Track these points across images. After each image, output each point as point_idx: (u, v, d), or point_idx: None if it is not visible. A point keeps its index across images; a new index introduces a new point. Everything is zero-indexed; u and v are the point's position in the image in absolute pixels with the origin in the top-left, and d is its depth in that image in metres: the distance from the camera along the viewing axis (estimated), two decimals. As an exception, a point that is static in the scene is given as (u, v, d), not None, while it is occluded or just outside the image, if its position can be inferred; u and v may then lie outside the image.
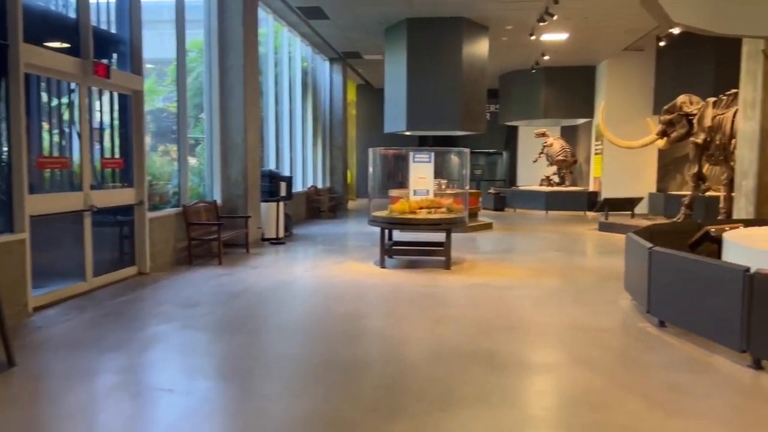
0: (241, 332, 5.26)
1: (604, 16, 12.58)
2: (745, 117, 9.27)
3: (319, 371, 4.26)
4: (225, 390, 3.95)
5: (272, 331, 5.43)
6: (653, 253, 5.36)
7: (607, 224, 13.21)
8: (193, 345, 4.93)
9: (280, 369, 4.30)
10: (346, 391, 3.86)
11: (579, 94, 18.70)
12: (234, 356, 4.64)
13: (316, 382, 4.03)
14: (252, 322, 5.69)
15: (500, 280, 7.52)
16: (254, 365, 4.40)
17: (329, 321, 5.68)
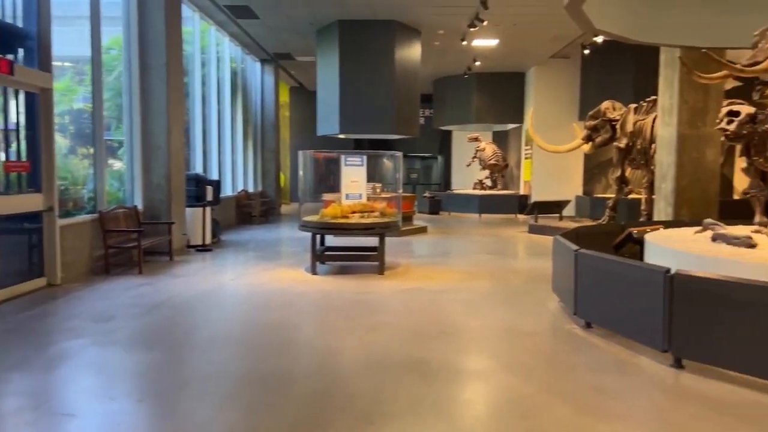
0: (158, 347, 4.91)
1: (532, 23, 12.88)
2: (664, 123, 9.67)
3: (241, 387, 4.00)
4: (134, 412, 3.62)
5: (192, 345, 5.10)
6: (579, 255, 5.42)
7: (536, 227, 13.51)
8: (103, 362, 4.55)
9: (198, 386, 4.01)
10: (268, 407, 3.63)
11: (509, 99, 19.12)
12: (148, 374, 4.30)
13: (236, 398, 3.77)
14: (171, 335, 5.33)
15: (433, 284, 7.46)
16: (170, 383, 4.09)
17: (254, 332, 5.41)
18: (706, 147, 9.22)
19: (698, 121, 9.19)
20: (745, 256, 4.90)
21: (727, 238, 5.60)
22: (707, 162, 9.26)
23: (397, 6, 11.91)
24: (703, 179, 9.28)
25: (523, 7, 11.74)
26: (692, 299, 4.18)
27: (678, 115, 9.24)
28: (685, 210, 9.30)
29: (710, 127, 9.04)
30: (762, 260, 4.71)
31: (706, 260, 5.06)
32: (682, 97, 9.22)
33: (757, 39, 5.02)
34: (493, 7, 11.10)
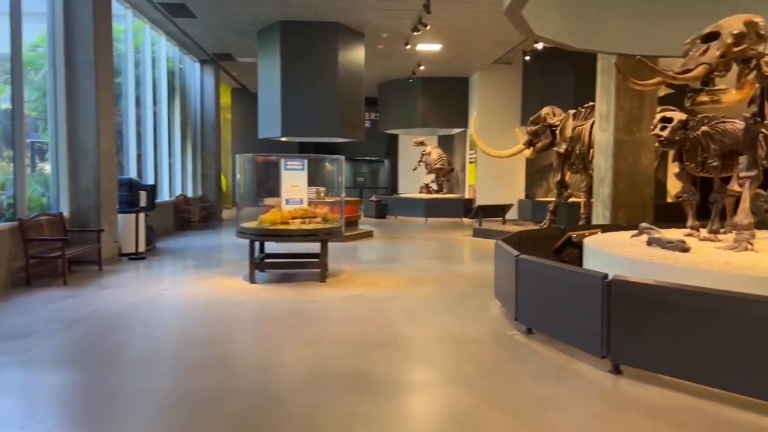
0: (78, 366, 4.55)
1: (475, 28, 12.98)
2: (601, 129, 9.88)
3: (168, 408, 3.72)
4: (43, 443, 3.30)
5: (117, 363, 4.75)
6: (519, 260, 5.39)
7: (480, 230, 13.61)
8: (16, 385, 4.17)
9: (121, 408, 3.71)
10: (197, 429, 3.37)
11: (454, 104, 19.27)
12: (66, 396, 3.96)
13: (163, 420, 3.50)
14: (94, 352, 4.96)
15: (377, 291, 7.31)
16: (89, 406, 3.76)
17: (186, 347, 5.10)
18: (642, 152, 9.48)
19: (634, 127, 9.43)
20: (678, 261, 4.97)
21: (661, 242, 5.70)
22: (642, 167, 9.52)
23: (340, 8, 11.75)
24: (639, 183, 9.53)
25: (466, 13, 11.81)
26: (629, 305, 4.19)
27: (614, 121, 9.46)
28: (622, 213, 9.52)
29: (645, 132, 9.30)
30: (695, 264, 4.79)
31: (642, 264, 5.12)
32: (619, 103, 9.45)
33: (688, 47, 5.13)
34: (436, 11, 11.11)
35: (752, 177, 5.55)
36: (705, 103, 4.97)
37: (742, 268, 4.55)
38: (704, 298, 3.82)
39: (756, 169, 5.57)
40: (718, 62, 4.86)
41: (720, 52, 4.85)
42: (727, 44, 4.84)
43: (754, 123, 5.48)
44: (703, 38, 5.05)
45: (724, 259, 4.94)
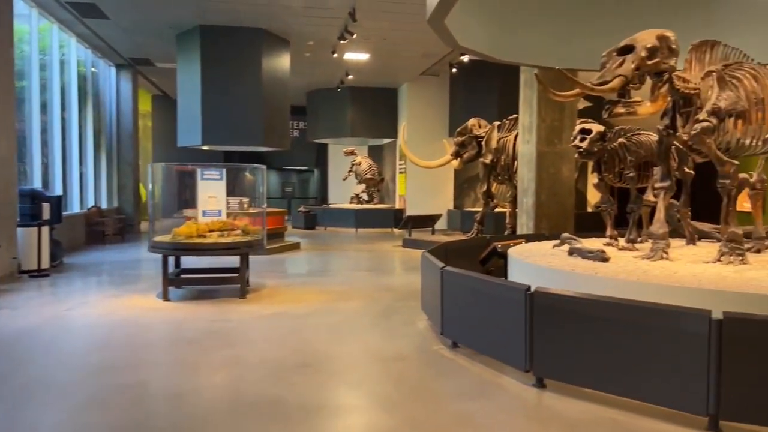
0: (-51, 404, 3.99)
1: (402, 38, 12.96)
2: (524, 140, 10.04)
3: (49, 451, 3.29)
4: None
5: (1, 395, 4.22)
6: (445, 273, 5.26)
7: (410, 241, 13.54)
8: None
9: (-11, 456, 3.24)
10: (78, 477, 2.98)
11: (383, 114, 19.25)
12: (-75, 443, 3.43)
13: (38, 469, 3.07)
14: (-28, 386, 4.39)
15: (300, 307, 7.01)
16: (-49, 454, 3.27)
17: (84, 376, 4.61)
18: (563, 163, 9.69)
19: (555, 139, 9.63)
20: (599, 271, 5.00)
21: (582, 252, 5.74)
22: (563, 177, 9.72)
23: (263, 14, 11.40)
24: (560, 194, 9.73)
25: (392, 23, 11.75)
26: (551, 317, 4.13)
27: (536, 132, 9.63)
28: (545, 223, 9.68)
29: (566, 144, 9.52)
30: (614, 274, 4.82)
31: (564, 275, 5.12)
32: (540, 115, 9.63)
33: (605, 60, 5.21)
34: (363, 20, 10.98)
35: (666, 187, 5.70)
36: (621, 115, 5.04)
37: (659, 278, 4.61)
38: (623, 309, 3.79)
39: (669, 180, 5.72)
40: (633, 75, 4.95)
41: (635, 64, 4.94)
42: (641, 57, 4.94)
43: (667, 135, 5.64)
44: (619, 51, 5.13)
45: (642, 269, 5.00)
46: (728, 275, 4.68)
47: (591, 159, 6.61)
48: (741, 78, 5.36)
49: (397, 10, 10.91)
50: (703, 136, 5.17)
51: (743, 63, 5.59)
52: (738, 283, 4.33)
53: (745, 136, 5.29)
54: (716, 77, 5.30)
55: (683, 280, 4.50)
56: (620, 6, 8.68)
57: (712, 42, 5.60)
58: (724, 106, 5.18)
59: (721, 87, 5.25)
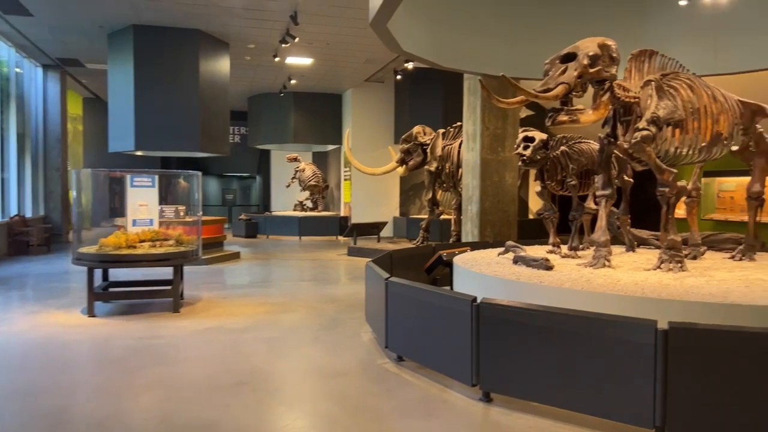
0: None
1: (345, 44, 12.79)
2: (468, 148, 10.03)
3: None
4: None
5: None
6: (389, 284, 5.08)
7: (355, 249, 13.33)
8: None
9: None
10: None
11: (328, 120, 18.99)
12: None
13: None
14: None
15: (237, 320, 6.66)
16: None
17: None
18: (506, 171, 9.72)
19: (498, 147, 9.66)
20: (543, 279, 4.94)
21: (526, 260, 5.69)
22: (507, 185, 9.76)
23: (200, 14, 10.97)
24: (504, 201, 9.76)
25: (334, 27, 11.55)
26: (497, 329, 4.00)
27: (480, 140, 9.63)
28: (489, 231, 9.69)
29: (509, 152, 9.57)
30: (559, 283, 4.76)
31: (509, 284, 5.03)
32: (484, 123, 9.64)
33: (548, 67, 5.18)
34: (305, 24, 10.75)
35: (607, 195, 5.73)
36: (564, 123, 5.01)
37: (603, 286, 4.58)
38: (569, 320, 3.71)
39: (611, 188, 5.75)
40: (575, 82, 4.93)
41: (577, 72, 4.92)
42: (583, 65, 4.93)
43: (608, 143, 5.67)
44: (562, 59, 5.12)
45: (586, 277, 4.98)
46: (669, 283, 4.71)
47: (534, 167, 6.60)
48: (678, 88, 5.46)
49: (340, 15, 10.74)
50: (642, 144, 5.21)
51: (679, 73, 5.71)
52: (679, 291, 4.35)
53: (683, 145, 5.38)
54: (655, 86, 5.37)
55: (627, 288, 4.48)
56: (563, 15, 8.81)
57: (650, 51, 5.69)
58: (662, 115, 5.25)
59: (659, 96, 5.32)
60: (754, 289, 4.43)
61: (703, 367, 3.25)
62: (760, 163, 6.12)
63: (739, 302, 3.99)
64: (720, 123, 5.52)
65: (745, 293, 4.26)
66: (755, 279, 4.90)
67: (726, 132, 5.59)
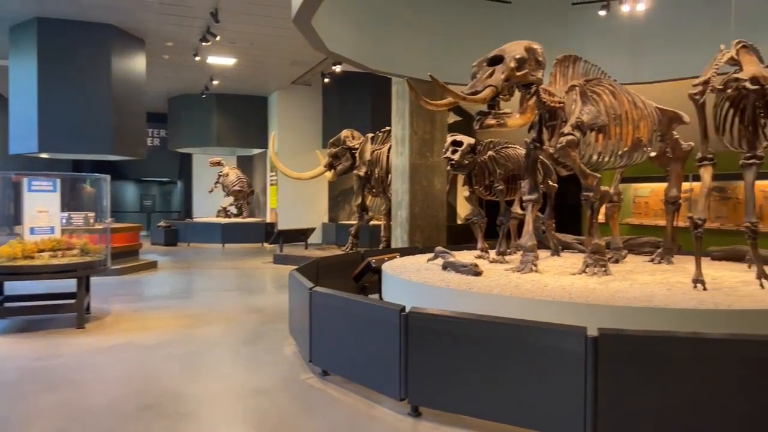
0: None
1: (270, 44, 12.38)
2: (397, 152, 9.92)
3: None
4: None
5: None
6: (314, 294, 4.80)
7: (282, 256, 12.91)
8: None
9: None
10: None
11: (253, 123, 18.44)
12: None
13: None
14: None
15: (149, 336, 6.15)
16: None
17: None
18: (435, 176, 9.67)
19: (427, 152, 9.60)
20: (473, 286, 4.82)
21: (455, 266, 5.57)
22: (436, 190, 9.71)
23: (112, 8, 10.26)
24: (433, 206, 9.70)
25: (257, 26, 11.14)
26: (426, 339, 3.82)
27: (409, 145, 9.54)
28: (419, 236, 9.59)
29: (437, 157, 9.52)
30: (488, 289, 4.65)
31: (438, 291, 4.88)
32: (413, 128, 9.55)
33: (475, 69, 5.10)
34: (227, 22, 10.29)
35: (534, 200, 5.71)
36: (492, 126, 4.93)
37: (532, 291, 4.51)
38: (499, 328, 3.57)
39: (537, 193, 5.74)
40: (503, 85, 4.86)
41: (504, 75, 4.85)
42: (510, 68, 4.87)
43: (534, 148, 5.66)
44: (489, 61, 5.04)
45: (514, 283, 4.90)
46: (595, 287, 4.70)
47: (462, 171, 6.52)
48: (601, 93, 5.52)
49: (264, 14, 10.35)
50: (568, 149, 5.22)
51: (602, 79, 5.79)
52: (605, 295, 4.33)
53: (605, 150, 5.43)
54: (579, 92, 5.41)
55: (554, 293, 4.43)
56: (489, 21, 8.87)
57: (574, 57, 5.73)
58: (586, 120, 5.28)
59: (583, 101, 5.36)
60: (675, 291, 4.49)
61: (634, 373, 3.19)
62: (677, 169, 6.32)
63: (663, 306, 4.01)
64: (640, 129, 5.63)
65: (667, 296, 4.30)
66: (675, 282, 5.00)
67: (646, 138, 5.71)
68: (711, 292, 4.44)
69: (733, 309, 3.92)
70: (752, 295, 4.30)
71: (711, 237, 11.86)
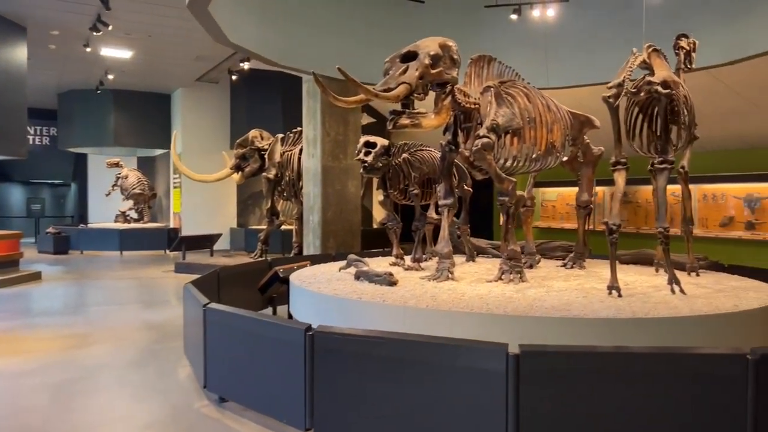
0: None
1: (171, 36, 11.53)
2: (308, 154, 9.47)
3: None
4: None
5: None
6: (208, 311, 4.27)
7: (184, 265, 12.04)
8: None
9: None
10: None
11: (155, 122, 17.28)
12: None
13: None
14: None
15: (19, 361, 5.33)
16: None
17: None
18: (348, 179, 9.32)
19: (340, 153, 9.22)
20: (387, 297, 4.47)
21: (369, 275, 5.22)
22: (349, 194, 9.35)
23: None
24: (347, 211, 9.34)
25: (157, 17, 10.31)
26: (335, 362, 3.42)
27: (321, 146, 9.13)
28: (332, 242, 9.20)
29: (351, 159, 9.17)
30: (403, 301, 4.32)
31: (350, 304, 4.50)
32: (325, 128, 9.15)
33: (388, 65, 4.77)
34: (120, 11, 9.42)
35: (449, 205, 5.48)
36: (406, 127, 4.62)
37: (449, 303, 4.23)
38: (415, 347, 3.24)
39: (452, 197, 5.51)
40: (417, 83, 4.56)
41: (418, 72, 4.56)
42: (425, 65, 4.59)
43: (450, 151, 5.43)
44: (402, 57, 4.73)
45: (431, 293, 4.62)
46: (512, 295, 4.51)
47: (376, 174, 6.18)
48: (515, 95, 5.37)
49: (161, 3, 9.55)
50: (483, 152, 5.02)
51: (516, 81, 5.65)
52: (524, 305, 4.13)
53: (520, 154, 5.28)
54: (494, 93, 5.22)
55: (472, 303, 4.18)
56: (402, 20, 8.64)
57: (488, 57, 5.56)
58: (501, 123, 5.10)
59: (498, 103, 5.18)
60: (591, 299, 4.37)
61: (558, 392, 2.96)
62: (587, 173, 6.32)
63: (581, 315, 3.85)
64: (554, 133, 5.54)
65: (584, 304, 4.17)
66: (590, 288, 4.91)
67: (559, 142, 5.63)
68: (627, 299, 4.36)
69: (650, 317, 3.83)
70: (666, 302, 4.26)
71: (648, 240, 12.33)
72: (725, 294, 4.66)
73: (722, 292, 4.75)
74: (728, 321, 3.99)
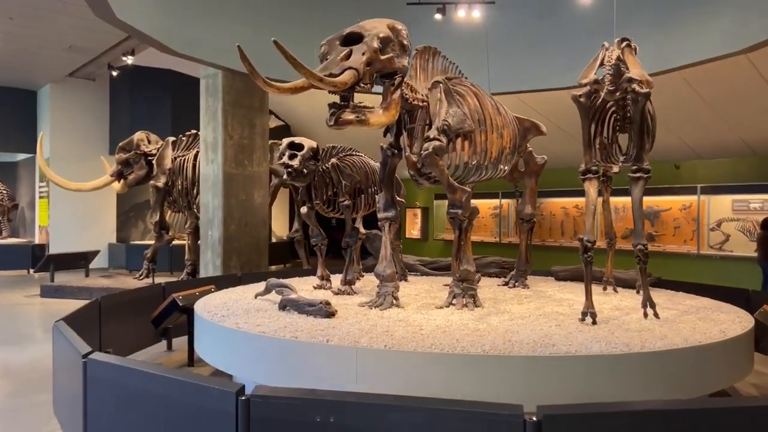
0: None
1: (37, 20, 9.77)
2: (207, 160, 8.32)
3: None
4: None
5: None
6: (91, 364, 3.13)
7: (53, 288, 10.20)
8: None
9: None
10: None
11: (16, 122, 14.98)
12: None
13: None
14: None
15: None
16: None
17: None
18: (254, 188, 8.27)
19: (245, 159, 8.17)
20: (331, 335, 3.57)
21: (299, 305, 4.29)
22: (256, 205, 8.31)
23: None
24: (252, 224, 8.28)
25: None
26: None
27: (223, 151, 8.03)
28: (235, 260, 8.09)
29: (257, 165, 8.14)
30: (353, 340, 3.45)
31: (284, 348, 3.54)
32: (227, 131, 8.06)
33: (326, 49, 3.91)
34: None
35: (391, 218, 4.70)
36: (351, 123, 3.78)
37: (408, 340, 3.43)
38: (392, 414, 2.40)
39: (394, 210, 4.74)
40: (365, 70, 3.74)
41: (366, 56, 3.74)
42: (374, 48, 3.78)
43: (392, 155, 4.66)
44: (343, 40, 3.89)
45: (381, 326, 3.79)
46: (477, 326, 3.81)
47: (303, 181, 5.24)
48: (464, 94, 4.73)
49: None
50: (435, 157, 4.31)
51: (462, 79, 5.02)
52: (497, 340, 3.42)
53: (471, 160, 4.63)
54: (443, 90, 4.54)
55: (436, 339, 3.41)
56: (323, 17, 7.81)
57: (434, 50, 4.89)
58: (453, 124, 4.42)
59: (448, 102, 4.50)
60: (567, 329, 3.77)
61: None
62: (531, 184, 5.83)
63: (572, 352, 3.22)
64: (504, 138, 4.97)
65: (565, 335, 3.56)
66: (553, 312, 4.35)
67: (509, 148, 5.06)
68: (604, 327, 3.82)
69: (647, 352, 3.28)
70: (648, 329, 3.76)
71: (553, 253, 12.24)
72: (697, 316, 4.28)
73: (690, 314, 4.38)
74: (724, 349, 3.56)
